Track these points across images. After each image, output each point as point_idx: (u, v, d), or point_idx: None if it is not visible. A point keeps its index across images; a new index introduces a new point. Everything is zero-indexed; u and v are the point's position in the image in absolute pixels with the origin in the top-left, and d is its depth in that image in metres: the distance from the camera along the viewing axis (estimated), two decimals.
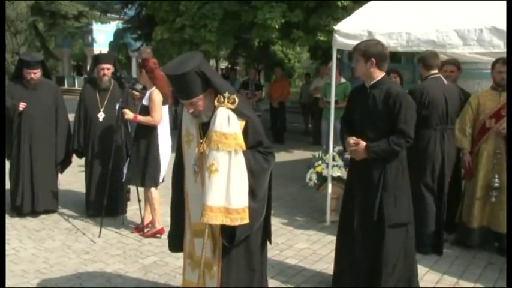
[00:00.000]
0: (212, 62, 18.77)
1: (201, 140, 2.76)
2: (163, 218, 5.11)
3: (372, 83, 3.48)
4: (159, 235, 5.02)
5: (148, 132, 4.86)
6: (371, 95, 3.47)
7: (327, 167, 5.61)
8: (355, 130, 3.55)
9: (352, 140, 3.48)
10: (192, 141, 2.83)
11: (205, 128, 2.76)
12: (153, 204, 5.01)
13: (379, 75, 3.48)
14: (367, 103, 3.46)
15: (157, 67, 4.88)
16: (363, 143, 3.44)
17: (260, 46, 15.29)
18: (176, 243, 3.10)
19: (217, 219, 2.60)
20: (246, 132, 2.73)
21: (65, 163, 5.80)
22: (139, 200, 5.33)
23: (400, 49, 5.03)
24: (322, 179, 5.73)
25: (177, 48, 11.30)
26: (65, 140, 5.68)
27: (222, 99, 2.68)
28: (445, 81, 4.69)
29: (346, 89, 8.53)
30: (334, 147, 5.71)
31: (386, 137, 3.37)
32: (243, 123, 2.73)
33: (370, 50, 3.44)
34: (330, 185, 5.56)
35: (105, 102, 5.56)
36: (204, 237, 2.72)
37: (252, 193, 2.68)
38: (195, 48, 10.84)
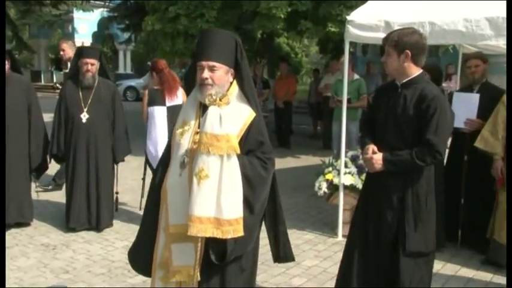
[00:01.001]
0: None
1: (198, 130, 2.74)
2: None
3: (404, 81, 3.29)
4: None
5: None
6: (402, 96, 3.28)
7: (339, 174, 5.63)
8: (377, 136, 3.42)
9: (371, 148, 3.36)
10: (187, 132, 2.79)
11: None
12: None
13: (414, 71, 3.27)
14: (396, 105, 3.29)
15: (166, 67, 5.66)
16: (379, 154, 3.32)
17: (263, 38, 15.30)
18: (142, 256, 2.96)
19: (206, 231, 2.58)
20: (248, 130, 2.74)
21: (40, 169, 5.81)
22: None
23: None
24: (332, 188, 5.75)
25: (170, 41, 11.35)
26: (41, 143, 5.68)
27: (213, 97, 2.70)
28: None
29: (360, 87, 8.59)
30: (346, 152, 5.72)
31: (412, 148, 3.21)
32: (251, 117, 2.76)
33: (404, 40, 3.22)
34: (341, 195, 5.58)
35: (89, 101, 5.59)
36: (197, 245, 2.69)
37: (247, 204, 2.66)
38: (191, 41, 10.88)
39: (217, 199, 2.58)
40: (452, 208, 5.32)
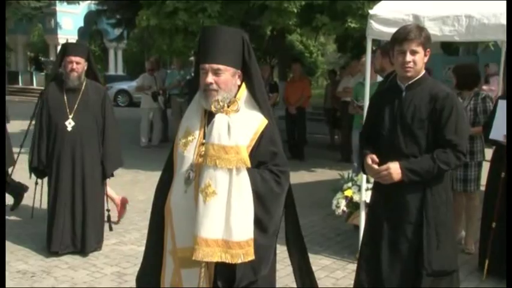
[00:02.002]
0: None
1: (203, 141, 2.78)
2: None
3: (411, 82, 3.47)
4: None
5: None
6: (408, 99, 3.45)
7: (359, 190, 5.60)
8: (383, 146, 3.51)
9: (371, 158, 3.45)
10: (192, 143, 2.83)
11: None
12: None
13: (422, 71, 3.50)
14: (403, 109, 3.45)
15: None
16: (393, 164, 3.37)
17: (273, 36, 15.35)
18: (150, 282, 3.01)
19: (214, 255, 2.60)
20: (259, 140, 2.77)
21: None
22: None
23: (457, 38, 4.98)
24: (352, 206, 5.72)
25: (167, 38, 11.40)
26: (8, 152, 5.69)
27: (220, 103, 2.72)
28: None
29: None
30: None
31: (428, 153, 3.34)
32: (262, 125, 2.79)
33: (429, 36, 3.45)
34: (363, 214, 5.54)
35: (75, 106, 5.59)
36: (201, 270, 2.71)
37: (259, 224, 2.70)
38: (191, 38, 10.93)
39: (225, 219, 2.61)
40: (482, 231, 5.28)
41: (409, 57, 3.38)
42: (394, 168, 3.35)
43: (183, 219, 2.78)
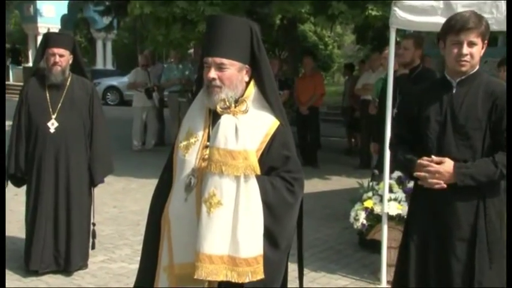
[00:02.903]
0: None
1: (207, 143, 2.80)
2: None
3: (464, 77, 3.44)
4: None
5: None
6: (460, 95, 3.41)
7: (381, 201, 5.59)
8: (427, 150, 3.46)
9: (427, 158, 3.37)
10: (194, 145, 2.86)
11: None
12: None
13: (478, 65, 3.45)
14: (455, 108, 3.40)
15: None
16: (448, 162, 3.34)
17: (283, 25, 15.35)
18: None
19: (219, 273, 2.61)
20: (270, 143, 2.78)
21: None
22: None
23: (495, 27, 4.96)
24: (373, 219, 5.71)
25: (163, 28, 11.42)
26: None
27: (227, 102, 2.73)
28: None
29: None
30: (391, 172, 5.69)
31: (485, 156, 3.30)
32: (274, 126, 2.81)
33: (489, 27, 3.42)
34: (385, 228, 5.52)
35: (59, 105, 5.59)
36: None
37: (270, 238, 2.72)
38: (190, 28, 10.94)
39: (232, 232, 2.62)
40: None
41: (465, 50, 3.35)
42: (445, 170, 3.31)
43: (183, 231, 2.79)
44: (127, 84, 14.52)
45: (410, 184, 5.38)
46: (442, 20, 3.93)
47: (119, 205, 8.32)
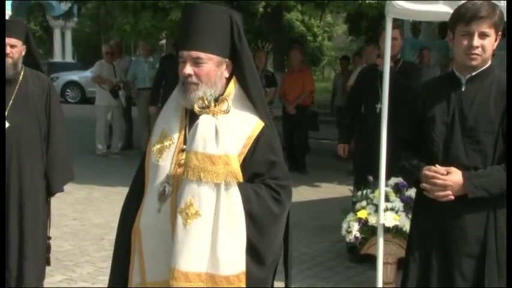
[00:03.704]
0: None
1: (183, 147, 2.80)
2: None
3: (475, 73, 3.42)
4: None
5: None
6: (469, 93, 3.39)
7: (376, 211, 5.60)
8: (433, 154, 3.46)
9: (434, 169, 3.36)
10: (169, 149, 2.86)
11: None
12: None
13: (490, 60, 3.44)
14: (463, 107, 3.38)
15: None
16: (456, 172, 3.33)
17: (267, 14, 15.36)
18: None
19: None
20: (253, 146, 2.78)
21: None
22: None
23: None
24: (368, 231, 5.72)
25: (131, 16, 11.38)
26: None
27: (206, 101, 2.73)
28: None
29: None
30: (388, 179, 5.71)
31: (497, 163, 3.28)
32: (258, 128, 2.81)
33: (502, 17, 3.39)
34: (381, 241, 5.52)
35: (11, 102, 5.55)
36: None
37: (254, 253, 2.73)
38: (162, 17, 10.91)
39: (211, 247, 2.62)
40: None
41: (477, 41, 3.32)
42: (455, 182, 3.30)
43: (156, 246, 2.79)
44: (92, 78, 14.33)
45: (409, 192, 5.41)
46: (445, 8, 3.95)
47: (80, 217, 8.28)
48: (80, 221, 8.07)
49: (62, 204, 7.68)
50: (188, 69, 2.76)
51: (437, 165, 3.37)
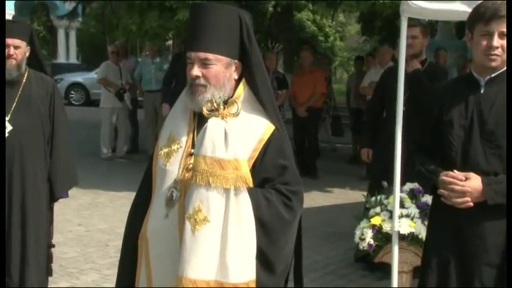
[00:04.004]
0: None
1: (192, 151, 2.81)
2: None
3: (494, 74, 3.39)
4: None
5: None
6: (489, 96, 3.37)
7: (391, 217, 5.58)
8: (450, 159, 3.45)
9: (452, 174, 3.34)
10: (177, 153, 2.87)
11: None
12: None
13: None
14: (482, 110, 3.36)
15: None
16: (475, 177, 3.31)
17: (277, 14, 15.38)
18: None
19: None
20: (263, 150, 2.79)
21: None
22: None
23: None
24: (382, 239, 5.70)
25: (137, 16, 11.40)
26: None
27: (215, 103, 2.74)
28: None
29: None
30: (403, 184, 5.70)
31: None
32: (268, 131, 2.81)
33: None
34: (396, 249, 5.51)
35: (14, 105, 5.56)
36: None
37: (264, 260, 2.73)
38: (168, 16, 10.93)
39: (220, 254, 2.62)
40: None
41: (496, 41, 3.30)
42: (474, 188, 3.29)
43: (163, 253, 2.80)
44: (98, 79, 14.19)
45: (425, 198, 5.39)
46: (462, 7, 3.93)
47: (85, 223, 8.29)
48: (85, 226, 8.09)
49: (66, 209, 7.70)
50: (196, 70, 2.77)
51: (455, 171, 3.35)
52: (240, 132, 2.72)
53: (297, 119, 12.20)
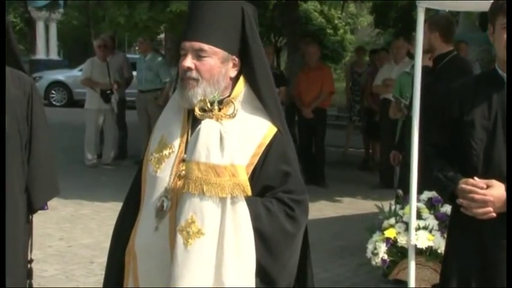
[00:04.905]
0: None
1: (185, 155, 2.79)
2: None
3: None
4: None
5: None
6: None
7: (407, 229, 5.60)
8: (472, 163, 3.44)
9: (472, 182, 3.32)
10: (168, 159, 2.88)
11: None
12: None
13: None
14: (505, 109, 3.35)
15: None
16: (498, 185, 3.30)
17: (281, 4, 15.42)
18: None
19: None
20: (264, 155, 2.79)
21: None
22: None
23: None
24: (397, 253, 5.72)
25: (125, 7, 11.42)
26: None
27: (208, 103, 2.73)
28: None
29: None
30: (420, 193, 5.71)
31: None
32: (269, 134, 2.81)
33: None
34: (412, 265, 5.52)
35: None
36: None
37: (265, 277, 2.74)
38: (160, 7, 10.96)
39: (215, 270, 2.61)
40: None
41: None
42: (497, 197, 3.27)
43: (153, 269, 2.80)
44: (81, 80, 14.09)
45: (444, 208, 5.39)
46: None
47: (66, 237, 8.30)
48: (67, 241, 8.09)
49: (46, 222, 7.71)
50: (188, 61, 2.78)
51: (475, 178, 3.33)
52: (237, 135, 2.72)
53: (303, 121, 12.22)
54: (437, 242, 5.43)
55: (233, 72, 2.86)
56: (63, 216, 9.18)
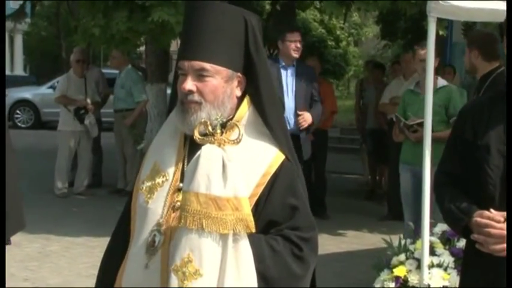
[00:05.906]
0: (176, 45, 18.93)
1: (180, 185, 2.78)
2: None
3: None
4: None
5: None
6: None
7: (419, 267, 5.61)
8: (488, 192, 3.44)
9: (488, 214, 3.32)
10: (161, 188, 2.86)
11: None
12: None
13: None
14: None
15: None
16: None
17: (277, 12, 15.49)
18: None
19: None
20: (269, 186, 2.77)
21: None
22: None
23: None
24: None
25: (101, 17, 11.44)
26: None
27: (209, 127, 2.72)
28: None
29: (451, 101, 8.53)
30: (433, 225, 5.72)
31: None
32: (276, 162, 2.80)
33: None
34: None
35: None
36: None
37: None
38: (140, 17, 10.97)
39: None
40: None
41: None
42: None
43: None
44: (56, 97, 13.85)
45: (461, 243, 5.40)
46: (502, 5, 3.97)
47: (32, 277, 8.27)
48: (32, 282, 8.06)
49: (8, 260, 7.65)
50: (189, 84, 2.77)
51: (492, 210, 3.34)
52: (241, 163, 2.71)
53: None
54: (453, 281, 5.44)
55: (239, 92, 2.85)
56: (29, 254, 9.14)
